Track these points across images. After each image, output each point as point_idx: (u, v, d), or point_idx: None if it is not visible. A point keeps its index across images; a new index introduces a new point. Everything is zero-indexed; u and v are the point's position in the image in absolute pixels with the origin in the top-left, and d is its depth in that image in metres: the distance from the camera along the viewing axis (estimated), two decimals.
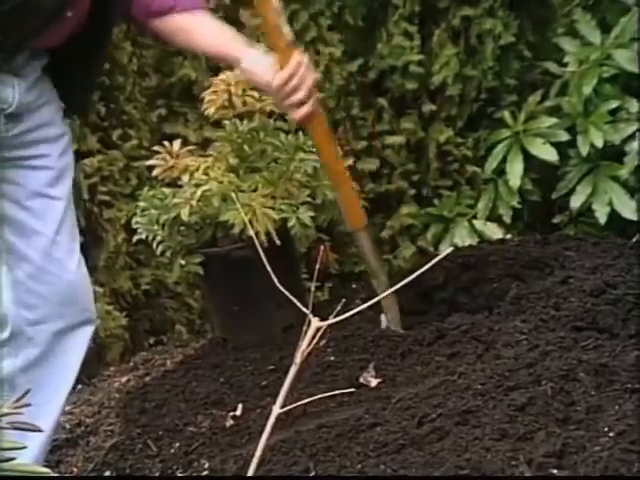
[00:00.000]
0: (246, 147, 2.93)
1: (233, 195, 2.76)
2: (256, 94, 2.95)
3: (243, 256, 2.77)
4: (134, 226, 2.96)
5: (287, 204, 2.80)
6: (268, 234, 2.73)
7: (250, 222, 2.71)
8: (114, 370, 3.29)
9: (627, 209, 3.20)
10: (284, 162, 2.88)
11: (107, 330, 3.37)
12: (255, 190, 2.81)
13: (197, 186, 2.82)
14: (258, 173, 2.87)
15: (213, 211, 2.80)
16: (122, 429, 2.69)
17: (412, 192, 3.64)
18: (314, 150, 2.82)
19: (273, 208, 2.76)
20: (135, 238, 3.00)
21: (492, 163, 3.51)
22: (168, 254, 2.91)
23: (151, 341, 3.57)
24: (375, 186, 3.61)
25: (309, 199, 2.86)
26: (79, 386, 3.22)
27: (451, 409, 2.10)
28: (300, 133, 2.99)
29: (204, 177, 2.83)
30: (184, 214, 2.80)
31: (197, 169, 2.87)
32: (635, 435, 1.87)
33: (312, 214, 2.82)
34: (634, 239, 2.82)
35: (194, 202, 2.80)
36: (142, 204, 2.93)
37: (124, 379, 3.14)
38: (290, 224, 2.78)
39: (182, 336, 3.53)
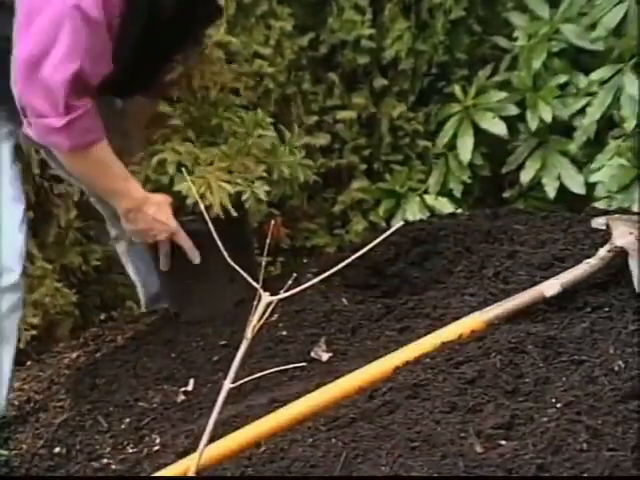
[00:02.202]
0: (204, 121, 2.91)
1: (187, 165, 2.74)
2: (214, 69, 2.93)
3: (196, 229, 2.75)
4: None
5: (243, 178, 2.79)
6: (223, 208, 2.72)
7: (203, 195, 2.69)
8: (64, 346, 3.26)
9: (576, 183, 3.23)
10: (242, 137, 2.87)
11: (56, 307, 3.34)
12: (212, 164, 2.79)
13: (153, 155, 2.79)
14: (216, 147, 2.85)
15: (167, 181, 2.78)
16: (72, 405, 2.68)
17: (363, 167, 3.65)
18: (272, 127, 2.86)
19: (229, 182, 2.74)
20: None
21: (443, 138, 3.53)
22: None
23: (102, 317, 3.55)
24: (326, 161, 3.61)
25: (265, 174, 2.84)
26: (28, 362, 3.20)
27: (401, 383, 2.12)
28: (259, 110, 2.98)
29: (161, 146, 2.81)
30: (139, 179, 2.75)
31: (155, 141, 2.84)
32: (581, 406, 1.89)
33: (267, 189, 2.81)
34: (582, 213, 2.85)
35: (149, 171, 2.78)
36: None
37: (74, 355, 3.11)
38: (244, 197, 2.76)
39: (133, 312, 3.51)
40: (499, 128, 3.39)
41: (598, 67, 3.19)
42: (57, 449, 2.48)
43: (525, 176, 3.35)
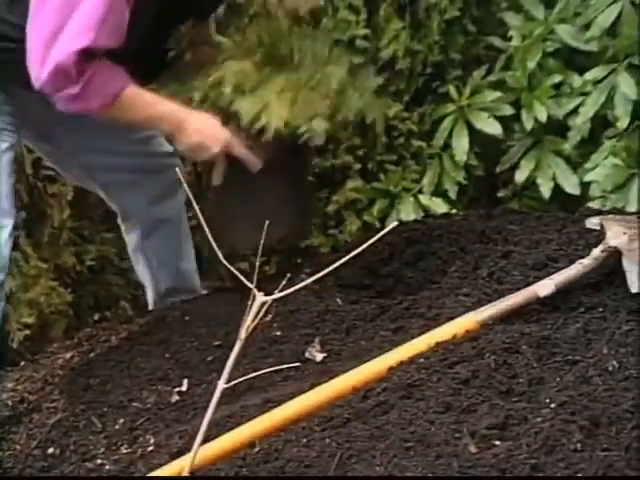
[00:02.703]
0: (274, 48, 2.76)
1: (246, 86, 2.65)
2: None
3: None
4: None
5: (303, 110, 2.64)
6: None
7: (258, 115, 2.60)
8: (58, 346, 3.26)
9: (570, 184, 3.23)
10: (311, 69, 2.72)
11: (51, 306, 3.34)
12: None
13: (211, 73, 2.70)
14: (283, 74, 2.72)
15: (225, 101, 2.67)
16: (66, 406, 2.68)
17: (357, 167, 3.65)
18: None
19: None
20: None
21: (439, 139, 3.53)
22: None
23: (95, 317, 3.55)
24: (321, 160, 3.61)
25: (327, 112, 2.68)
26: (22, 363, 3.19)
27: (396, 383, 2.12)
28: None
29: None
30: (197, 96, 2.67)
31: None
32: (575, 406, 1.90)
33: (326, 126, 2.65)
34: (576, 213, 2.85)
35: (207, 88, 2.68)
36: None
37: (68, 355, 3.11)
38: (301, 130, 2.63)
39: (127, 312, 3.51)
40: (494, 128, 3.40)
41: (592, 67, 3.20)
42: (51, 450, 2.48)
43: (520, 176, 3.35)
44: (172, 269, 3.17)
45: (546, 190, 3.28)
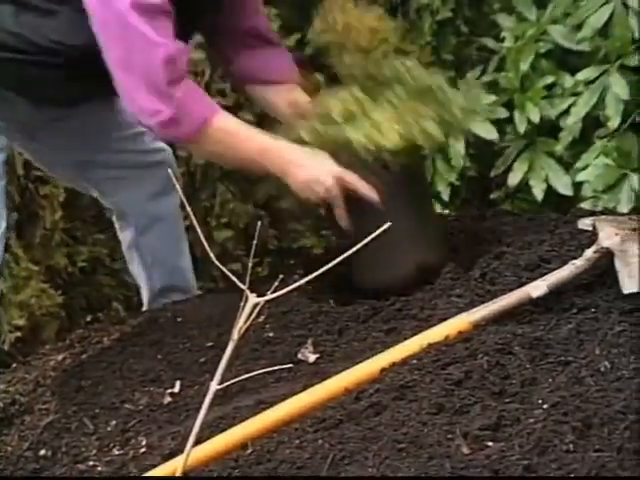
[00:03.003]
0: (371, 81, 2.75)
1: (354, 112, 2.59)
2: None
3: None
4: None
5: (412, 118, 2.58)
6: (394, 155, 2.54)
7: (373, 139, 2.53)
8: (50, 348, 3.25)
9: (563, 185, 3.23)
10: (407, 82, 2.68)
11: (42, 308, 3.34)
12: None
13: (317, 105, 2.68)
14: (381, 95, 2.69)
15: (335, 131, 2.59)
16: (58, 407, 2.67)
17: None
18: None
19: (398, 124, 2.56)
20: None
21: None
22: None
23: (87, 319, 3.54)
24: None
25: (434, 115, 2.61)
26: (13, 364, 3.19)
27: (388, 384, 2.12)
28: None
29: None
30: (305, 134, 2.61)
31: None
32: (568, 407, 1.90)
33: (436, 127, 2.58)
34: (568, 214, 2.86)
35: (314, 121, 2.62)
36: None
37: (60, 357, 3.11)
38: (414, 131, 2.55)
39: (119, 313, 3.51)
40: (490, 133, 3.39)
41: (584, 68, 3.20)
42: (42, 451, 2.47)
43: (513, 179, 3.35)
44: (167, 267, 3.17)
45: (539, 192, 3.28)
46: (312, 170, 2.55)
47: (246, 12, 2.88)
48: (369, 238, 1.93)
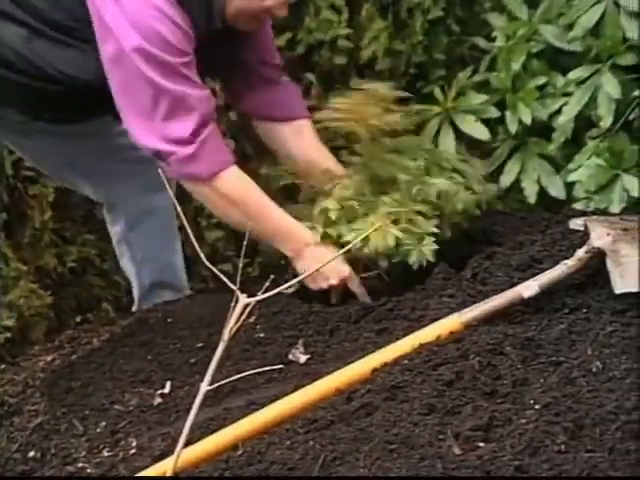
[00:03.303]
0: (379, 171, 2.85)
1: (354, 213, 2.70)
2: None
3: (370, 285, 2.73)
4: None
5: (410, 232, 2.67)
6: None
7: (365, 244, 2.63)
8: (39, 349, 3.25)
9: (555, 187, 3.23)
10: (408, 185, 2.77)
11: (31, 309, 3.33)
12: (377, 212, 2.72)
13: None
14: (384, 195, 2.78)
15: (335, 232, 2.72)
16: (47, 409, 2.67)
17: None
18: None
19: (395, 235, 2.64)
20: None
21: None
22: None
23: (77, 319, 3.53)
24: None
25: (436, 230, 2.71)
26: (2, 366, 3.18)
27: (379, 385, 2.12)
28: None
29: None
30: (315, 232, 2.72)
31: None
32: (560, 407, 1.91)
33: (435, 247, 2.66)
34: (560, 214, 2.86)
35: (314, 221, 2.74)
36: None
37: (49, 358, 3.10)
38: (411, 260, 2.65)
39: (109, 314, 3.50)
40: (481, 133, 3.38)
41: (576, 67, 3.20)
42: (32, 453, 2.47)
43: (505, 180, 3.34)
44: (157, 264, 3.17)
45: (531, 194, 3.26)
46: (324, 267, 2.64)
47: (260, 47, 2.95)
48: (344, 249, 1.96)
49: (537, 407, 1.94)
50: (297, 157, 2.90)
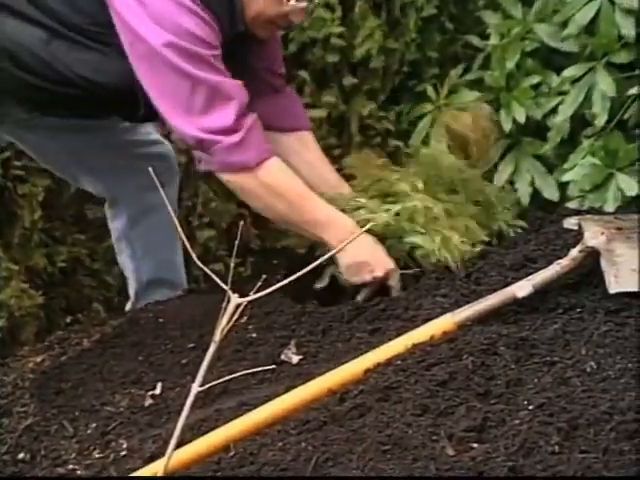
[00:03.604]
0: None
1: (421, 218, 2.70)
2: None
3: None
4: None
5: (469, 239, 2.70)
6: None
7: (439, 250, 2.64)
8: (29, 350, 3.24)
9: (549, 189, 3.22)
10: (472, 192, 2.83)
11: (21, 309, 3.32)
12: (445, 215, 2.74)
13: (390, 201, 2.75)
14: (450, 196, 2.81)
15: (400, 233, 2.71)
16: (37, 410, 2.66)
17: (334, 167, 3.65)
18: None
19: (463, 241, 2.67)
20: None
21: (417, 138, 3.52)
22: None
23: (67, 320, 3.53)
24: None
25: (487, 238, 2.75)
26: None
27: (372, 385, 2.13)
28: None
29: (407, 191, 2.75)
30: (377, 226, 2.69)
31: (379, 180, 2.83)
32: (553, 408, 1.91)
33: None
34: (554, 213, 2.87)
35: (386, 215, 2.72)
36: None
37: (39, 359, 3.09)
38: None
39: (99, 314, 3.50)
40: None
41: (570, 66, 3.20)
42: (21, 455, 2.46)
43: (498, 180, 3.35)
44: (157, 260, 3.17)
45: (525, 196, 3.25)
46: (370, 257, 2.66)
47: (270, 55, 2.97)
48: (342, 245, 1.95)
49: (531, 407, 1.94)
50: (303, 168, 2.90)
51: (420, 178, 2.83)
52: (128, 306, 3.27)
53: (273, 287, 1.87)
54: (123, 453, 2.29)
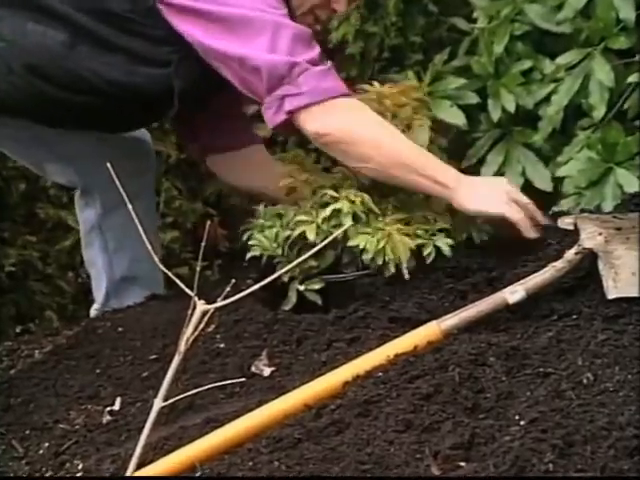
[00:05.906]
0: None
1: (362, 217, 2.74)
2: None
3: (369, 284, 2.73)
4: (249, 243, 2.86)
5: (423, 230, 2.73)
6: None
7: (382, 250, 2.66)
8: None
9: (541, 179, 3.24)
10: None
11: None
12: (385, 214, 2.77)
13: (324, 205, 2.78)
14: (391, 196, 2.84)
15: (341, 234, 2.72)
16: None
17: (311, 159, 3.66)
18: None
19: (408, 234, 2.69)
20: (248, 255, 2.88)
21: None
22: (285, 278, 2.78)
23: (17, 329, 3.52)
24: (270, 152, 3.61)
25: (447, 226, 2.76)
26: None
27: (351, 399, 2.13)
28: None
29: (334, 194, 2.79)
30: (310, 233, 2.72)
31: (321, 186, 2.85)
32: (547, 423, 1.92)
33: (451, 242, 2.70)
34: (549, 212, 2.88)
35: (320, 221, 2.74)
36: (261, 221, 2.88)
37: None
38: (426, 252, 2.68)
39: (52, 323, 3.49)
40: (457, 118, 3.40)
41: (565, 51, 3.22)
42: None
43: (487, 171, 3.36)
44: (131, 255, 3.15)
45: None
46: (497, 192, 2.75)
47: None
48: (324, 242, 1.96)
49: (523, 423, 1.95)
50: (267, 182, 3.02)
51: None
52: (94, 310, 3.24)
53: (243, 292, 1.88)
54: (78, 474, 2.29)
